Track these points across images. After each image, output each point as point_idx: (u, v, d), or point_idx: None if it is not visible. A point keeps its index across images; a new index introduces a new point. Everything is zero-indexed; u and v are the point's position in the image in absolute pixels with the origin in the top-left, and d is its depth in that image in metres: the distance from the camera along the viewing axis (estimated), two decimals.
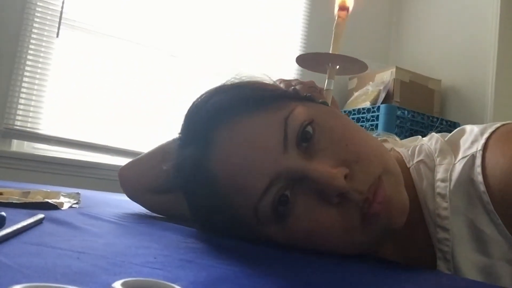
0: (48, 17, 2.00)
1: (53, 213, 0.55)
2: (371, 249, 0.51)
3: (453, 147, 0.55)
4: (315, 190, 0.45)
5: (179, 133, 0.54)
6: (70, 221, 0.51)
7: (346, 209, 0.45)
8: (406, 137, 2.21)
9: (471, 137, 0.53)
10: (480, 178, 0.49)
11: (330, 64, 0.59)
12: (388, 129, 2.15)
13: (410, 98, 2.37)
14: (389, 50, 2.90)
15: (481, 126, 0.54)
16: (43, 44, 2.01)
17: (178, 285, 0.26)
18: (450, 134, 0.58)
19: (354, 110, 2.34)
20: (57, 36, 2.01)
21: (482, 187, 0.48)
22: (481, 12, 2.42)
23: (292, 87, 0.57)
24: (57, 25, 2.00)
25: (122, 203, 0.73)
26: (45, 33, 2.01)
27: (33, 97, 1.99)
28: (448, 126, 2.34)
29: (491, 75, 2.32)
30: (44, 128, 2.00)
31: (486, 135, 0.51)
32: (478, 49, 2.41)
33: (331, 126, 0.48)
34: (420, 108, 2.34)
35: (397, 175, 0.49)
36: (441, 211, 0.52)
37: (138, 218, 0.64)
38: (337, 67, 0.61)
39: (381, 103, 2.29)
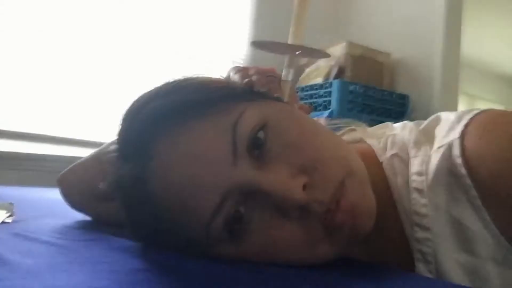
0: None
1: None
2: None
3: (428, 137, 0.51)
4: (271, 204, 0.40)
5: (116, 141, 0.47)
6: None
7: (308, 222, 0.41)
8: (358, 112, 2.25)
9: (447, 125, 0.49)
10: (463, 170, 0.45)
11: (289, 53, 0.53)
12: (342, 104, 2.14)
13: (361, 72, 2.36)
14: (339, 23, 2.87)
15: (457, 113, 0.50)
16: None
17: None
18: (425, 122, 0.54)
19: (307, 86, 2.30)
20: None
21: (468, 181, 0.45)
22: None
23: (247, 80, 0.50)
24: None
25: (62, 206, 0.65)
26: None
27: None
28: (399, 98, 2.36)
29: (439, 46, 2.34)
30: None
31: (464, 122, 0.47)
32: (426, 20, 2.41)
33: (285, 129, 0.43)
34: (371, 82, 2.34)
35: (362, 175, 0.45)
36: (419, 208, 0.48)
37: (79, 233, 0.56)
38: (298, 52, 0.55)
39: (333, 79, 2.27)
